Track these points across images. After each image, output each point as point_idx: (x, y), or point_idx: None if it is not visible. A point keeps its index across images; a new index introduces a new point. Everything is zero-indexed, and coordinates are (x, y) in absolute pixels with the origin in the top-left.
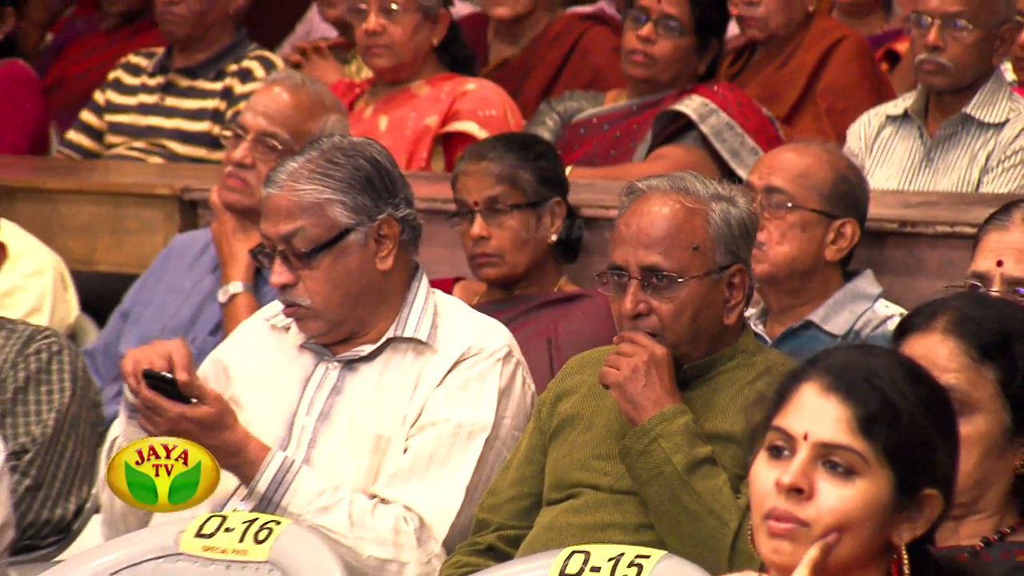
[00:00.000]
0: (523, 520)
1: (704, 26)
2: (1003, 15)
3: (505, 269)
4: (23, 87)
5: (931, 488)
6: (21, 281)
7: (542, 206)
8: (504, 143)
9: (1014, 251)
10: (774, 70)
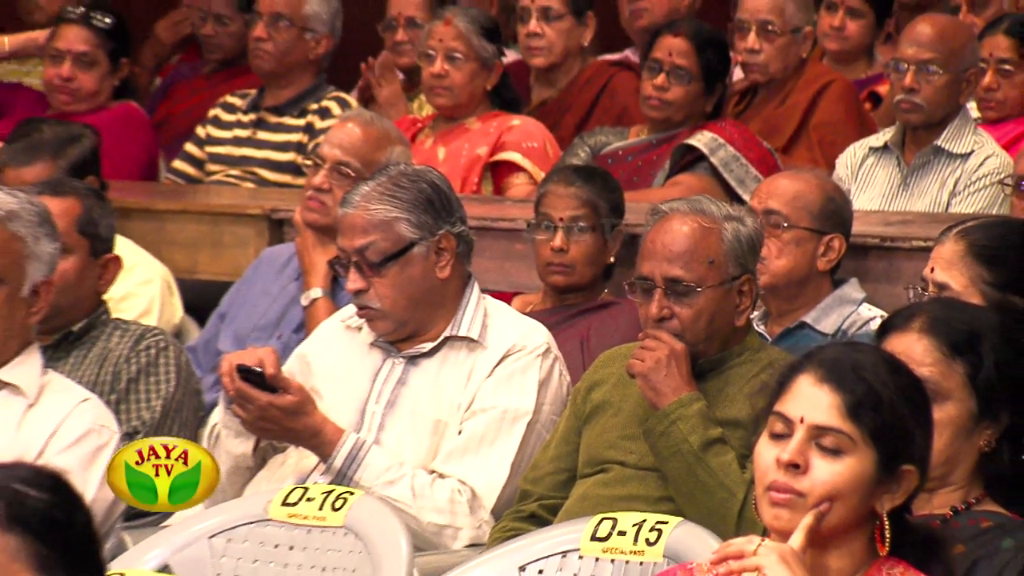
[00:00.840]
0: (560, 491)
1: (710, 74)
2: (969, 62)
3: (574, 279)
4: (135, 124)
5: (909, 465)
6: (134, 288)
7: (610, 232)
8: (588, 174)
9: (941, 260)
10: (773, 108)
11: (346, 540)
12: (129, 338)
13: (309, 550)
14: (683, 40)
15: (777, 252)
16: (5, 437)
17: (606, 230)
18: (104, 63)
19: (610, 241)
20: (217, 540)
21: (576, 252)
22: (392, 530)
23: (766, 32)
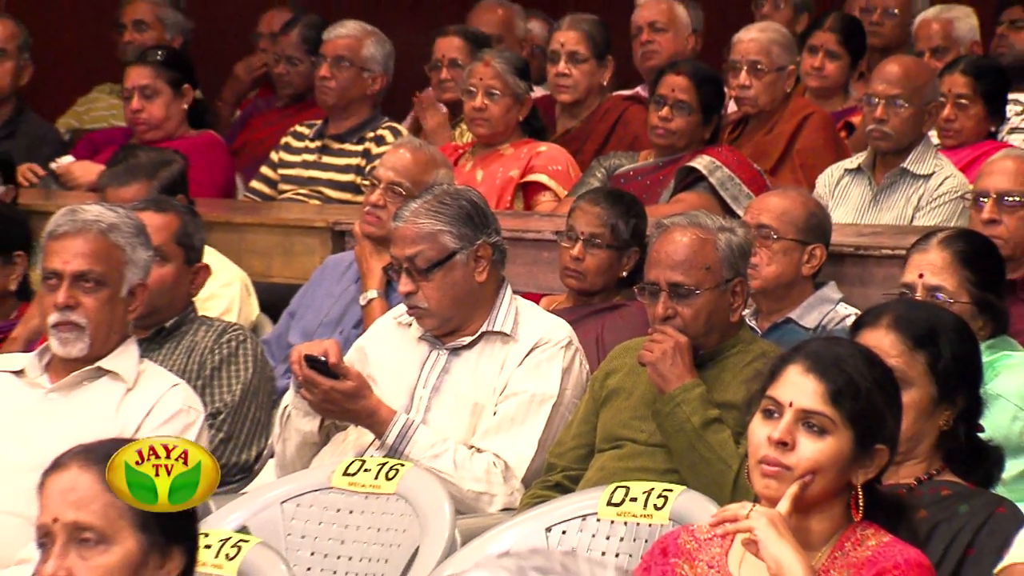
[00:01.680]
0: (581, 464)
1: (707, 106)
2: (930, 96)
3: (585, 285)
4: (216, 150)
5: (881, 444)
6: (217, 290)
7: (625, 251)
8: (615, 198)
9: (931, 267)
10: (762, 136)
11: (398, 505)
12: (213, 332)
13: (366, 514)
14: (684, 78)
15: (768, 260)
16: (107, 417)
17: (622, 248)
18: (166, 91)
19: (625, 258)
20: (288, 505)
21: (590, 263)
22: (437, 496)
23: (755, 71)
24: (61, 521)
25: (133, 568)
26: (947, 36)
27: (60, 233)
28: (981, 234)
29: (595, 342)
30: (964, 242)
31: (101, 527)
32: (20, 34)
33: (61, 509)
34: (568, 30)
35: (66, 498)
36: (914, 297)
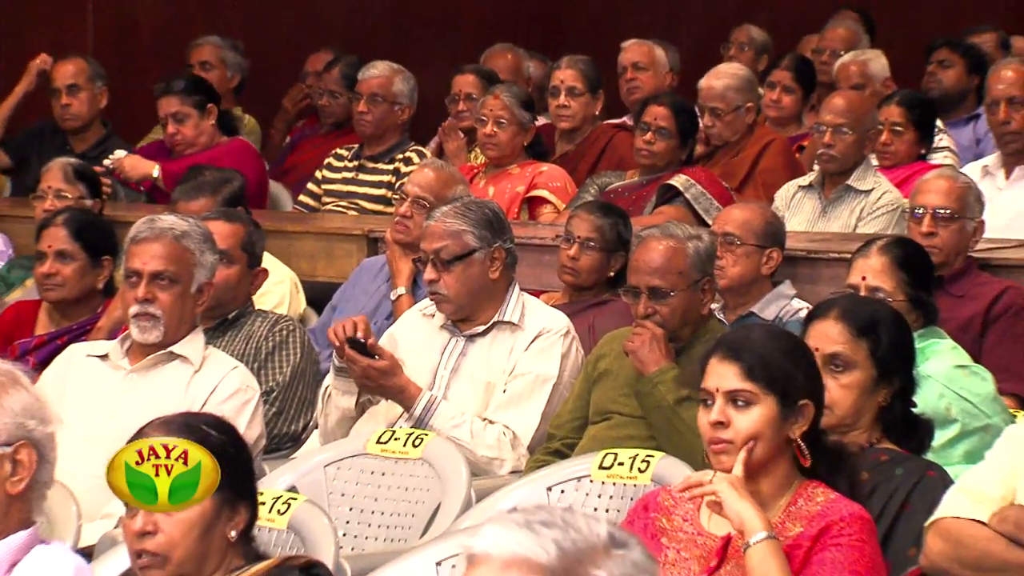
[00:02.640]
0: (577, 434)
1: (684, 132)
2: (870, 124)
3: (578, 281)
4: (247, 155)
5: (804, 400)
6: (270, 287)
7: (613, 254)
8: (608, 209)
9: (872, 270)
10: (730, 159)
11: (423, 468)
12: (267, 323)
13: (396, 475)
14: (664, 108)
15: (732, 263)
16: (177, 394)
17: (611, 252)
18: (193, 114)
19: (613, 260)
20: (330, 468)
21: (584, 263)
22: (456, 461)
23: (715, 113)
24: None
25: (209, 522)
26: (863, 74)
27: (140, 238)
28: (913, 241)
29: (588, 331)
30: (899, 248)
31: None
32: (87, 68)
33: None
34: (567, 69)
35: None
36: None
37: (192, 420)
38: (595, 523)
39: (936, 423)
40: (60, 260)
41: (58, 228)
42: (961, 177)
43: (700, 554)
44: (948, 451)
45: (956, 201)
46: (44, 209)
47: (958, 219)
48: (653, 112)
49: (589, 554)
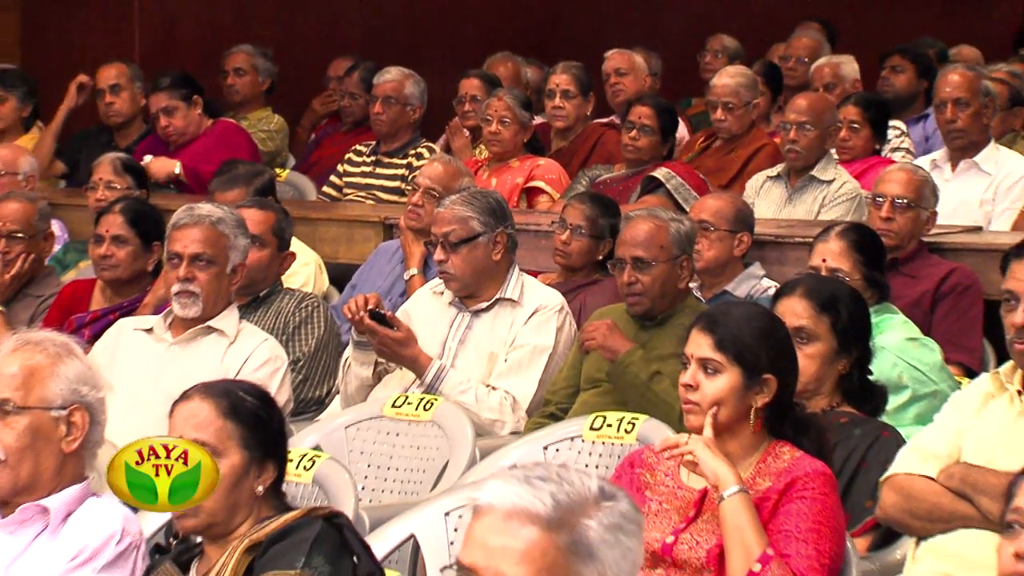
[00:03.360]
0: (570, 399)
1: (665, 130)
2: (830, 122)
3: (569, 263)
4: (233, 134)
5: (768, 374)
6: (297, 269)
7: (602, 240)
8: (598, 200)
9: (831, 253)
10: (723, 155)
11: (433, 429)
12: (294, 300)
13: (409, 436)
14: (647, 108)
15: (708, 247)
16: (214, 363)
17: (599, 238)
18: (182, 107)
19: (601, 245)
20: (350, 429)
21: (574, 247)
22: (462, 423)
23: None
24: (188, 439)
25: (238, 476)
26: (835, 75)
27: (181, 224)
28: (868, 226)
29: (580, 308)
30: (856, 233)
31: (214, 444)
32: (128, 71)
33: (186, 429)
34: (561, 74)
35: (189, 422)
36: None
37: (230, 386)
38: (587, 478)
39: (890, 389)
40: (116, 244)
41: (115, 215)
42: (920, 171)
43: (680, 506)
44: (900, 414)
45: (913, 192)
46: (96, 199)
47: (914, 208)
48: (637, 112)
49: (581, 505)
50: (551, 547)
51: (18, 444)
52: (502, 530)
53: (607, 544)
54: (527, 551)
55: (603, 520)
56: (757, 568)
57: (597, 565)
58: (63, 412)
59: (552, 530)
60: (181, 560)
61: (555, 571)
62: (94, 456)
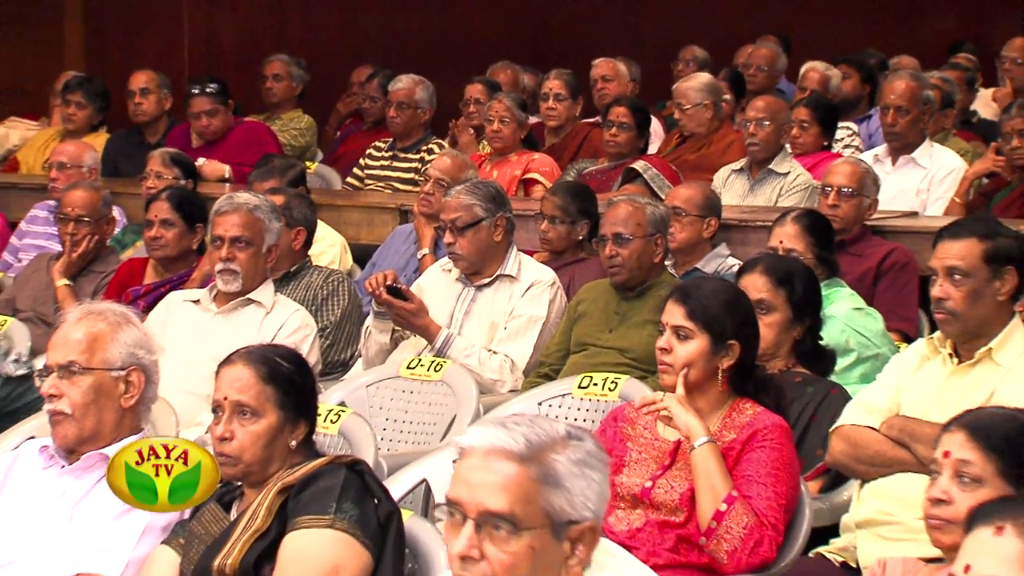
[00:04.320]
0: (561, 361)
1: (640, 126)
2: (785, 120)
3: (551, 248)
4: (260, 132)
5: (732, 340)
6: (325, 248)
7: (578, 222)
8: (572, 188)
9: (787, 236)
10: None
11: (442, 388)
12: (322, 275)
13: (421, 393)
14: (624, 108)
15: (680, 229)
16: (252, 331)
17: (575, 221)
18: (221, 109)
19: (579, 227)
20: (371, 388)
21: (553, 234)
22: (468, 383)
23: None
24: (228, 399)
25: (274, 433)
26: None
27: (222, 211)
28: (819, 212)
29: (569, 282)
30: (808, 218)
31: (254, 405)
32: (156, 78)
33: (229, 391)
34: (554, 79)
35: (233, 384)
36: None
37: (269, 352)
38: (556, 424)
39: (838, 353)
40: (164, 227)
41: (163, 202)
42: (862, 164)
43: (656, 455)
44: (847, 374)
45: (857, 182)
46: (147, 187)
47: (857, 196)
48: (616, 112)
49: (551, 444)
50: (525, 478)
51: (83, 400)
52: (482, 467)
53: (574, 475)
54: (504, 483)
55: (570, 456)
56: (723, 508)
57: (565, 493)
58: (122, 373)
59: (525, 463)
60: (224, 501)
61: (528, 499)
62: (149, 411)
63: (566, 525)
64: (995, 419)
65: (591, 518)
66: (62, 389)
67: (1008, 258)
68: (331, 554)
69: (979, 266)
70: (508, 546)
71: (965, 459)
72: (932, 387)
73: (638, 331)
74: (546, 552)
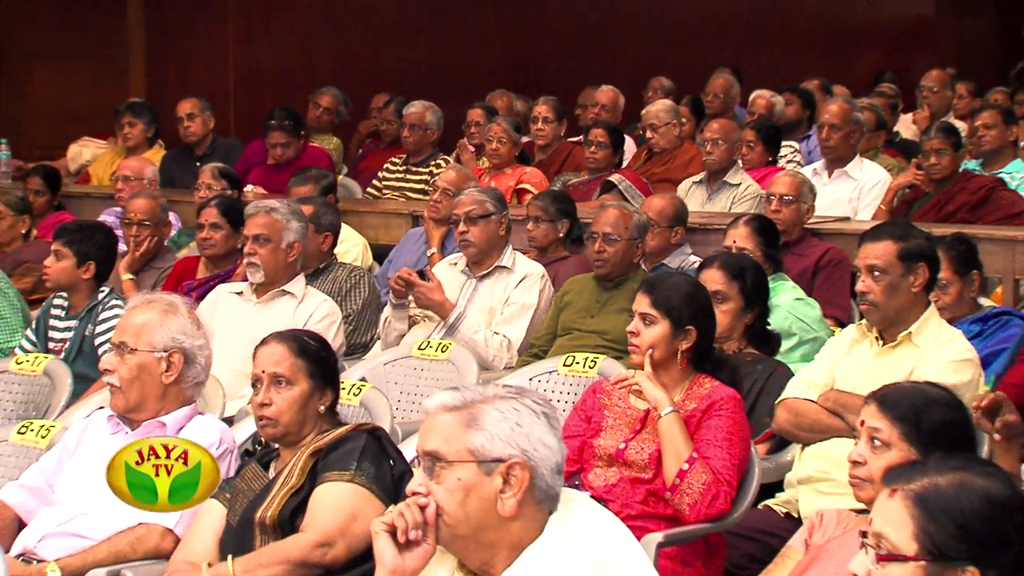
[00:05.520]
0: (549, 343)
1: (615, 144)
2: (736, 139)
3: (537, 244)
4: (321, 156)
5: (690, 325)
6: (349, 248)
7: (558, 221)
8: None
9: (740, 237)
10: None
11: (448, 366)
12: (346, 271)
13: (430, 370)
14: (602, 130)
15: (652, 238)
16: (286, 318)
17: (555, 220)
18: (294, 142)
19: (559, 225)
20: (388, 366)
21: (537, 232)
22: (469, 361)
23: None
24: (266, 372)
25: (305, 398)
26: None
27: (249, 214)
28: (766, 216)
29: (554, 276)
30: (757, 222)
31: (288, 375)
32: (199, 103)
33: (266, 365)
34: (543, 105)
35: (269, 359)
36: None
37: (298, 333)
38: (500, 387)
39: (783, 336)
40: (212, 229)
41: (212, 208)
42: (799, 176)
43: (628, 422)
44: (790, 354)
45: (795, 191)
46: (199, 196)
47: (795, 202)
48: (595, 133)
49: (483, 398)
50: (452, 423)
51: (128, 376)
52: (432, 421)
53: (497, 420)
54: (436, 428)
55: (498, 406)
56: (686, 467)
57: (486, 434)
58: (164, 354)
59: (455, 412)
60: (263, 461)
61: (452, 440)
62: (200, 386)
63: (492, 462)
64: (903, 392)
65: (518, 456)
66: (115, 365)
67: (920, 256)
68: (350, 503)
69: (895, 263)
70: (441, 480)
71: (875, 427)
72: (861, 365)
73: (616, 317)
74: (477, 485)
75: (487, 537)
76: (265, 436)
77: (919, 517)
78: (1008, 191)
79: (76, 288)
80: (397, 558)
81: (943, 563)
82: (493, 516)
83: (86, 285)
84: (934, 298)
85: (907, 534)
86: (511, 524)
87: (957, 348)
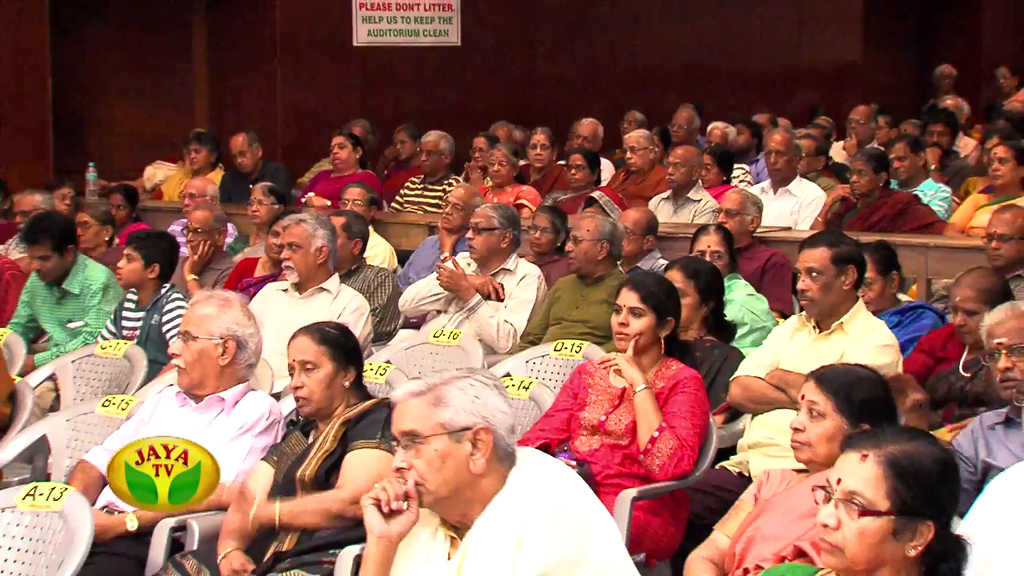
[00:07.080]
0: (543, 332)
1: (592, 165)
2: (698, 163)
3: (540, 249)
4: (369, 175)
5: (669, 317)
6: (376, 252)
7: (558, 232)
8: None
9: (713, 243)
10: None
11: (457, 351)
12: (373, 271)
13: (443, 354)
14: (580, 155)
15: (627, 245)
16: (324, 311)
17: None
18: (348, 145)
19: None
20: (409, 351)
21: (542, 240)
22: (476, 347)
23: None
24: (296, 360)
25: (331, 378)
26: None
27: (284, 225)
28: (725, 227)
29: (547, 276)
30: (724, 230)
31: (314, 360)
32: (248, 137)
33: (296, 355)
34: (540, 134)
35: (297, 350)
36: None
37: (319, 325)
38: (456, 371)
39: (737, 325)
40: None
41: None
42: (745, 192)
43: (609, 398)
44: (742, 340)
45: (739, 205)
46: (252, 211)
47: (739, 215)
48: (573, 158)
49: (442, 381)
50: (421, 405)
51: (192, 359)
52: (404, 406)
53: (457, 395)
54: (408, 411)
55: (457, 384)
56: (656, 435)
57: (450, 408)
58: (220, 341)
59: (422, 396)
60: (304, 429)
61: (424, 418)
62: (253, 367)
63: (460, 431)
64: (837, 371)
65: (481, 423)
66: (180, 350)
67: (849, 259)
68: (377, 467)
69: (828, 266)
70: (420, 454)
71: (813, 400)
72: (801, 349)
73: (596, 308)
74: (451, 453)
75: (464, 495)
76: (303, 413)
77: (891, 477)
78: (922, 205)
79: (143, 286)
80: (383, 525)
81: (909, 518)
82: (467, 476)
83: (152, 283)
84: (861, 294)
85: (881, 493)
86: (482, 480)
87: (881, 336)
